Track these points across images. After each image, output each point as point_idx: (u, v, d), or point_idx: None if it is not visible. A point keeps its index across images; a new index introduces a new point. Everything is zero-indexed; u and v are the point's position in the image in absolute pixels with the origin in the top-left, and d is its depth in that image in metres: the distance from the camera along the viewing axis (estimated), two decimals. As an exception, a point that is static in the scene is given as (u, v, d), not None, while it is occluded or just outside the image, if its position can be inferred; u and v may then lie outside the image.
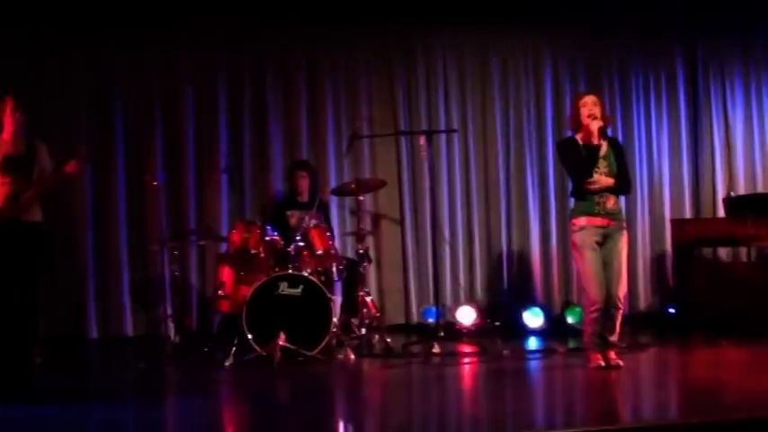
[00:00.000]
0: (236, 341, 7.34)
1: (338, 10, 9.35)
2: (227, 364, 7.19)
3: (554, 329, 9.14)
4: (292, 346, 7.22)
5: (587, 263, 6.68)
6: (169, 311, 8.36)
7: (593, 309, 6.68)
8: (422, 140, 8.25)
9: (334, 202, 9.27)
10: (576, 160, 6.72)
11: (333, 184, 9.13)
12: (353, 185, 8.21)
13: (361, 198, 8.27)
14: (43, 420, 5.60)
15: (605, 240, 6.72)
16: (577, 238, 6.75)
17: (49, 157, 7.68)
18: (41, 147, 7.70)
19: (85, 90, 9.23)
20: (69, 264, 9.05)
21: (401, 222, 9.49)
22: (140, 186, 9.07)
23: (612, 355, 6.72)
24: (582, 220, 6.72)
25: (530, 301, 9.52)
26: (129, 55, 9.27)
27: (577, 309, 9.13)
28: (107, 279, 9.16)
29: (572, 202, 6.95)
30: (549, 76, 10.03)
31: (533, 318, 9.18)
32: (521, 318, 9.18)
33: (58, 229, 8.65)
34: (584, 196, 6.74)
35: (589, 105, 6.71)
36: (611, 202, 6.71)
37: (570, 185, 6.92)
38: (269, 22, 9.37)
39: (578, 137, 6.76)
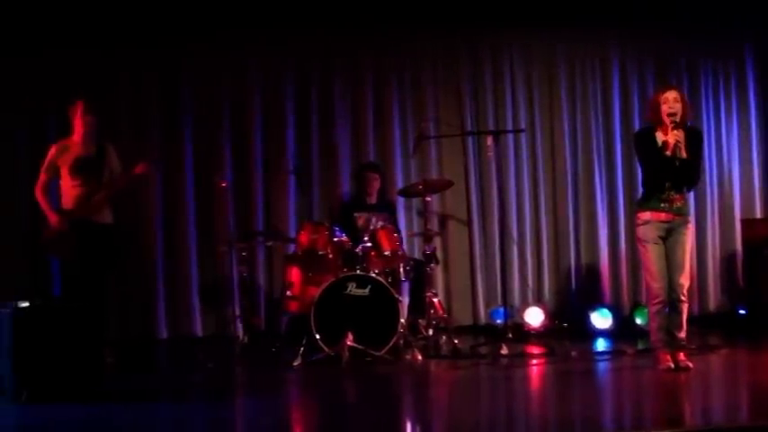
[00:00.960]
0: (304, 341, 7.38)
1: (405, 11, 9.33)
2: (295, 364, 7.23)
3: (622, 331, 9.04)
4: (360, 347, 7.24)
5: (649, 257, 6.64)
6: (238, 312, 8.42)
7: (654, 302, 6.65)
8: (489, 140, 8.22)
9: (401, 203, 9.26)
10: (650, 158, 6.64)
11: (400, 185, 9.13)
12: (420, 186, 8.20)
13: (429, 199, 8.26)
14: (114, 420, 5.68)
15: (669, 234, 6.65)
16: (641, 231, 6.71)
17: (117, 158, 7.82)
18: (111, 149, 7.85)
19: (155, 92, 9.34)
20: (139, 264, 9.16)
21: (468, 223, 9.41)
22: (209, 188, 9.15)
23: (682, 356, 6.63)
24: (646, 215, 6.66)
25: (598, 302, 9.42)
26: (198, 58, 9.38)
27: (646, 310, 8.98)
28: (176, 280, 9.26)
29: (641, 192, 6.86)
30: (616, 76, 9.91)
31: (601, 319, 9.09)
32: (589, 319, 9.09)
33: (127, 230, 8.78)
34: (651, 191, 6.67)
35: (670, 102, 6.60)
36: (678, 201, 6.64)
37: (640, 176, 6.85)
38: (336, 23, 9.39)
39: (658, 134, 6.66)
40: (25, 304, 6.29)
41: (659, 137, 6.64)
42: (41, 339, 6.17)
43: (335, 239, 7.90)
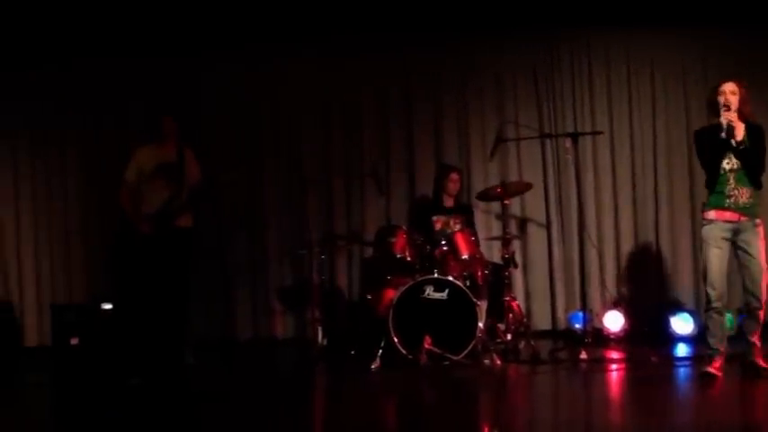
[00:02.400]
0: (382, 344, 7.39)
1: (485, 14, 9.27)
2: (373, 367, 7.25)
3: (704, 336, 8.82)
4: (438, 351, 7.22)
5: (710, 259, 6.43)
6: (317, 315, 8.46)
7: (709, 308, 6.47)
8: (568, 143, 8.14)
9: (479, 206, 9.21)
10: (706, 146, 6.43)
11: (478, 188, 9.07)
12: (499, 189, 8.15)
13: (507, 202, 8.20)
14: (194, 421, 5.75)
15: (736, 236, 6.43)
16: (704, 231, 6.51)
17: (196, 163, 7.93)
18: (191, 153, 7.95)
19: (237, 96, 9.50)
20: (221, 267, 9.35)
21: (547, 226, 9.36)
22: (289, 191, 9.27)
23: (761, 362, 6.45)
24: (711, 214, 6.47)
25: (679, 307, 9.24)
26: (278, 62, 9.50)
27: (728, 315, 8.80)
28: (257, 282, 9.42)
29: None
30: (697, 77, 9.71)
31: (682, 324, 8.91)
32: (669, 323, 8.93)
33: (209, 233, 8.91)
34: (715, 189, 6.45)
35: (726, 94, 6.39)
36: (744, 197, 6.39)
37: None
38: (415, 26, 9.38)
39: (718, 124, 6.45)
40: (108, 306, 6.39)
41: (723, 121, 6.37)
42: (124, 341, 6.27)
43: (414, 243, 7.90)
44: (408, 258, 7.84)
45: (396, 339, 7.29)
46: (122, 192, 7.81)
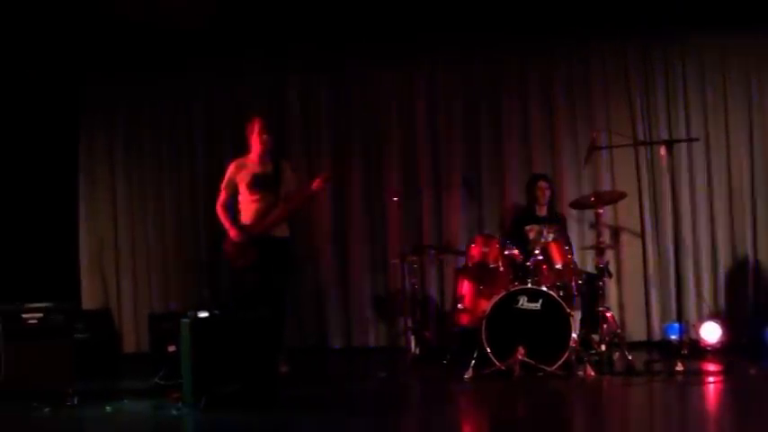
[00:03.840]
0: (475, 355, 7.39)
1: (574, 21, 9.23)
2: (466, 377, 7.25)
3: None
4: (531, 362, 7.19)
5: None
6: (409, 324, 8.50)
7: None
8: (662, 150, 8.02)
9: (572, 215, 9.15)
10: None
11: (571, 197, 9.01)
12: (592, 198, 8.08)
13: (601, 211, 8.13)
14: (288, 429, 5.83)
15: None
16: None
17: (292, 175, 8.03)
18: (286, 165, 8.06)
19: (324, 108, 9.66)
20: (314, 276, 9.50)
21: (642, 235, 9.24)
22: (379, 201, 9.39)
23: None
24: None
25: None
26: (365, 72, 9.64)
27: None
28: (350, 291, 9.54)
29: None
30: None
31: (782, 335, 8.73)
32: (768, 335, 8.75)
33: (302, 243, 9.03)
34: None
35: None
36: None
37: None
38: (503, 36, 9.41)
39: None
40: (204, 314, 6.51)
41: None
42: (219, 348, 6.37)
43: (506, 252, 7.91)
44: (501, 268, 7.85)
45: (489, 350, 7.28)
46: (218, 203, 7.94)
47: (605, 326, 7.82)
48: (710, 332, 8.70)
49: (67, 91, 9.73)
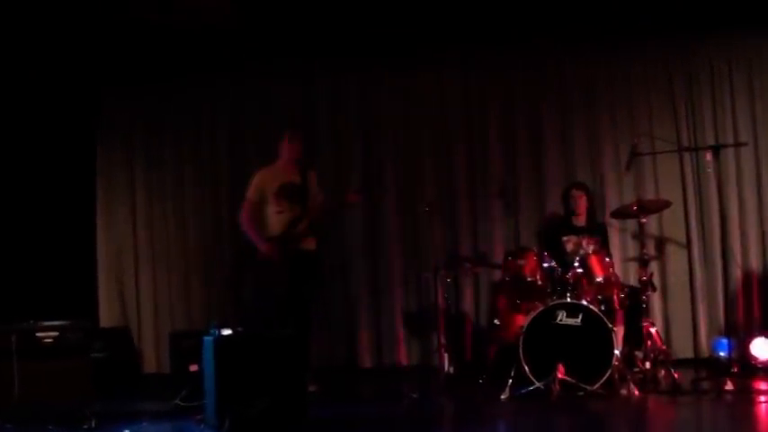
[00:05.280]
0: (512, 373, 7.33)
1: (614, 22, 9.17)
2: (503, 397, 7.19)
3: None
4: (572, 380, 7.13)
5: None
6: (443, 341, 8.45)
7: None
8: (708, 156, 7.95)
9: (614, 225, 9.09)
10: None
11: (613, 205, 8.95)
12: (635, 207, 8.02)
13: (644, 220, 8.05)
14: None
15: None
16: None
17: (317, 185, 8.04)
18: (313, 175, 8.06)
19: (356, 117, 9.70)
20: (343, 292, 9.50)
21: (688, 246, 9.17)
22: (412, 213, 9.37)
23: None
24: None
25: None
26: (396, 81, 9.63)
27: None
28: (380, 307, 9.53)
29: None
30: None
31: (839, 351, 8.60)
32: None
33: (331, 257, 9.03)
34: None
35: None
36: None
37: None
38: (542, 40, 9.38)
39: None
40: (228, 332, 6.51)
41: None
42: (244, 367, 6.36)
43: (544, 265, 7.88)
44: (539, 282, 7.83)
45: (526, 368, 7.23)
46: (243, 214, 7.97)
47: (649, 342, 7.76)
48: (762, 348, 8.58)
49: (85, 100, 9.81)
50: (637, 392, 7.23)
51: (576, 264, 7.79)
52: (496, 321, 8.05)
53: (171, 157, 9.93)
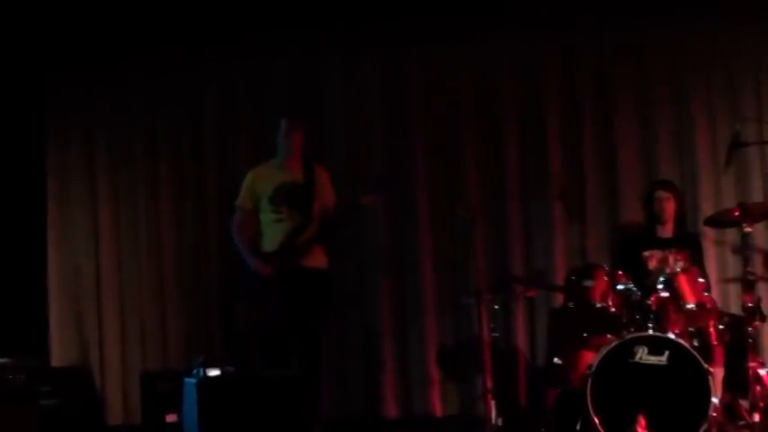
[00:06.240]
0: (578, 427, 7.35)
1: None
2: (566, 457, 7.19)
3: None
4: (656, 436, 7.10)
5: None
6: (489, 385, 8.38)
7: None
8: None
9: (709, 235, 9.06)
10: None
11: (708, 211, 8.90)
12: (737, 213, 7.97)
13: (748, 229, 7.99)
14: None
15: None
16: None
17: (330, 185, 8.01)
18: (322, 172, 8.03)
19: (377, 97, 9.70)
20: (362, 321, 9.50)
21: (805, 263, 9.11)
22: (448, 219, 9.33)
23: None
24: None
25: None
26: (430, 50, 9.65)
27: None
28: (408, 341, 9.49)
29: None
30: None
31: None
32: None
33: (345, 276, 9.04)
34: None
35: None
36: None
37: None
38: (615, 18, 9.38)
39: None
40: (215, 373, 6.57)
41: None
42: (235, 416, 6.37)
43: (619, 287, 7.84)
44: (612, 308, 7.81)
45: (596, 420, 7.19)
46: (235, 224, 8.00)
47: (758, 387, 7.67)
48: None
49: (29, 85, 9.83)
50: (741, 452, 7.21)
51: (661, 285, 7.75)
52: (557, 360, 8.05)
53: (142, 154, 9.93)
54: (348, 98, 9.71)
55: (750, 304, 7.76)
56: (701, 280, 7.85)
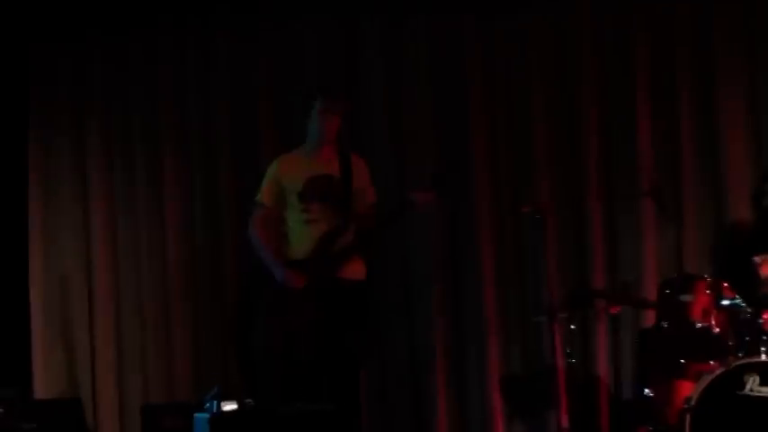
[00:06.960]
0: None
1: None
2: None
3: None
4: (772, 485, 7.04)
5: None
6: (564, 422, 8.31)
7: None
8: None
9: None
10: None
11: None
12: None
13: None
14: None
15: None
16: None
17: (370, 179, 7.95)
18: (361, 163, 7.99)
19: (425, 72, 9.69)
20: (409, 343, 9.49)
21: None
22: (514, 221, 9.33)
23: None
24: None
25: None
26: (492, 20, 9.63)
27: None
28: (464, 366, 9.45)
29: None
30: None
31: None
32: None
33: (389, 289, 9.02)
34: None
35: None
36: None
37: None
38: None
39: None
40: (232, 407, 6.60)
41: None
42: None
43: (724, 303, 7.75)
44: (716, 329, 7.71)
45: (698, 462, 7.15)
46: (255, 224, 7.94)
47: None
48: None
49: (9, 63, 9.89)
50: None
51: (777, 302, 7.68)
52: (648, 391, 7.98)
53: (143, 145, 9.95)
54: (390, 77, 9.69)
55: None
56: (832, 294, 7.79)
